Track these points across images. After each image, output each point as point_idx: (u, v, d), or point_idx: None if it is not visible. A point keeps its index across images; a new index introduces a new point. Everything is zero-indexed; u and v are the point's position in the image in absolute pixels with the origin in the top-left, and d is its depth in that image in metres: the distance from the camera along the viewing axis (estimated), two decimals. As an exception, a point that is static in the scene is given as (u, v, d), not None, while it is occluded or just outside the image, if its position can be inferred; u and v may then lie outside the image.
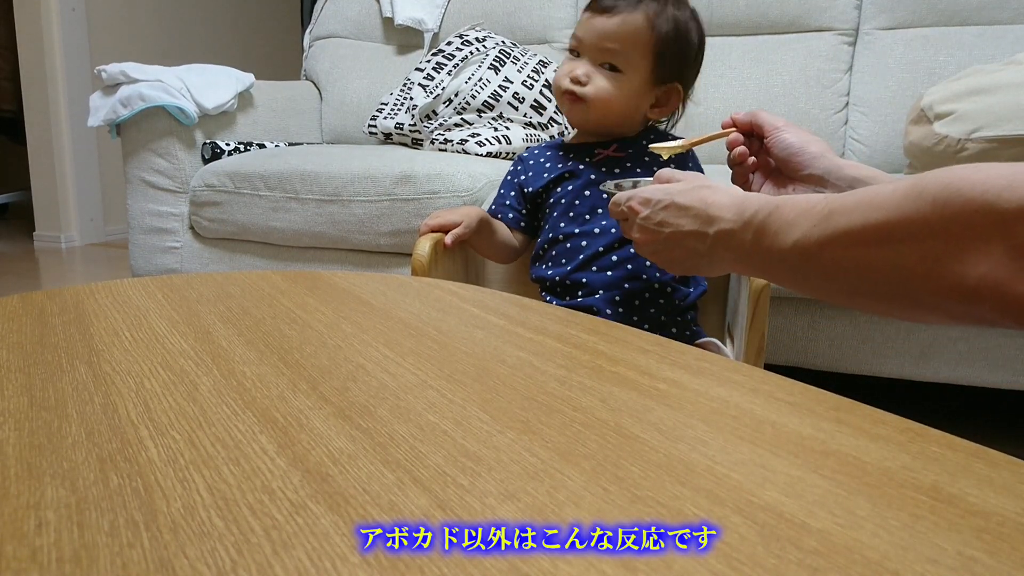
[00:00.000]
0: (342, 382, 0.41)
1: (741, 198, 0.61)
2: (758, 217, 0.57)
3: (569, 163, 0.95)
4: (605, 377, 0.42)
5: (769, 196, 0.59)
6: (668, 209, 0.66)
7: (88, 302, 0.57)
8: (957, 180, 0.43)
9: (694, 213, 0.64)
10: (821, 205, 0.52)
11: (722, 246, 0.61)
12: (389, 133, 2.09)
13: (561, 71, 0.92)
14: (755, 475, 0.31)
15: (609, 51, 0.89)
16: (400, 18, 2.27)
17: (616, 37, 0.89)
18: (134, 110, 1.85)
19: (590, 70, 0.90)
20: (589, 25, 0.89)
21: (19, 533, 0.27)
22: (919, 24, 1.83)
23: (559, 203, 0.94)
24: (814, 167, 0.73)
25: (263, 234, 1.81)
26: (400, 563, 0.25)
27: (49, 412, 0.37)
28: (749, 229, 0.58)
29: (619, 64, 0.89)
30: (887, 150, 1.77)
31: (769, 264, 0.57)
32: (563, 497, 0.29)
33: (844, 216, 0.50)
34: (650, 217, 0.67)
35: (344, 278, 0.66)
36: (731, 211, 0.61)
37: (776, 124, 0.78)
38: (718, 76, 1.94)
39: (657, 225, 0.67)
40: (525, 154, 1.02)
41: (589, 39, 0.90)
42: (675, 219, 0.65)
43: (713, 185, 0.66)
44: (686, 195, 0.65)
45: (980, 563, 0.25)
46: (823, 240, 0.51)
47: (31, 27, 3.06)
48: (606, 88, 0.90)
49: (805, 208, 0.54)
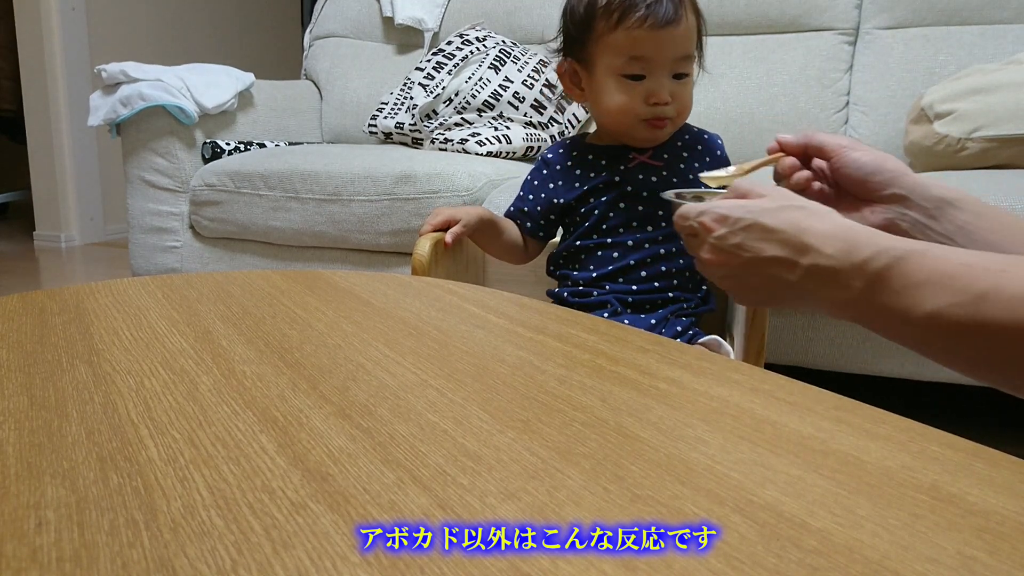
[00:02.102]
0: (342, 381, 0.41)
1: (845, 229, 0.53)
2: (873, 265, 0.50)
3: (603, 173, 0.90)
4: (605, 376, 0.42)
5: (880, 234, 0.52)
6: (750, 230, 0.57)
7: (88, 301, 0.57)
8: None
9: (783, 238, 0.55)
10: (964, 278, 0.45)
11: (818, 282, 0.54)
12: (389, 132, 2.09)
13: (632, 98, 0.84)
14: (755, 474, 0.31)
15: (683, 60, 0.84)
16: (400, 17, 2.27)
17: (688, 45, 0.84)
18: (134, 109, 1.85)
19: (670, 88, 0.84)
20: (657, 41, 0.81)
21: (19, 532, 0.27)
22: (919, 23, 1.83)
23: (592, 214, 0.90)
24: (898, 185, 0.65)
25: (263, 233, 1.81)
26: (400, 563, 0.25)
27: (49, 411, 0.37)
28: (860, 276, 0.51)
29: (689, 69, 0.85)
30: (887, 149, 1.76)
31: (886, 323, 0.50)
32: (563, 496, 0.29)
33: (1000, 308, 0.43)
34: (726, 237, 0.58)
35: (344, 277, 0.66)
36: (833, 244, 0.53)
37: (842, 143, 0.69)
38: (719, 75, 1.94)
39: (734, 248, 0.58)
40: (550, 156, 0.95)
41: (662, 57, 0.82)
42: (757, 243, 0.57)
43: (807, 205, 0.57)
44: (773, 216, 0.56)
45: (980, 562, 0.25)
46: (971, 326, 0.44)
47: (31, 27, 3.06)
48: (688, 100, 0.86)
49: (941, 272, 0.47)
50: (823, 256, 0.53)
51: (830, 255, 0.52)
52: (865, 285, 0.50)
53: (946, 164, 1.51)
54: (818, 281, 0.53)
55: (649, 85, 0.83)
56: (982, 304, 0.44)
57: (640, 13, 0.81)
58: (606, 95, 0.86)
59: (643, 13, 0.81)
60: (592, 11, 0.84)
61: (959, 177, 1.36)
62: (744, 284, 0.59)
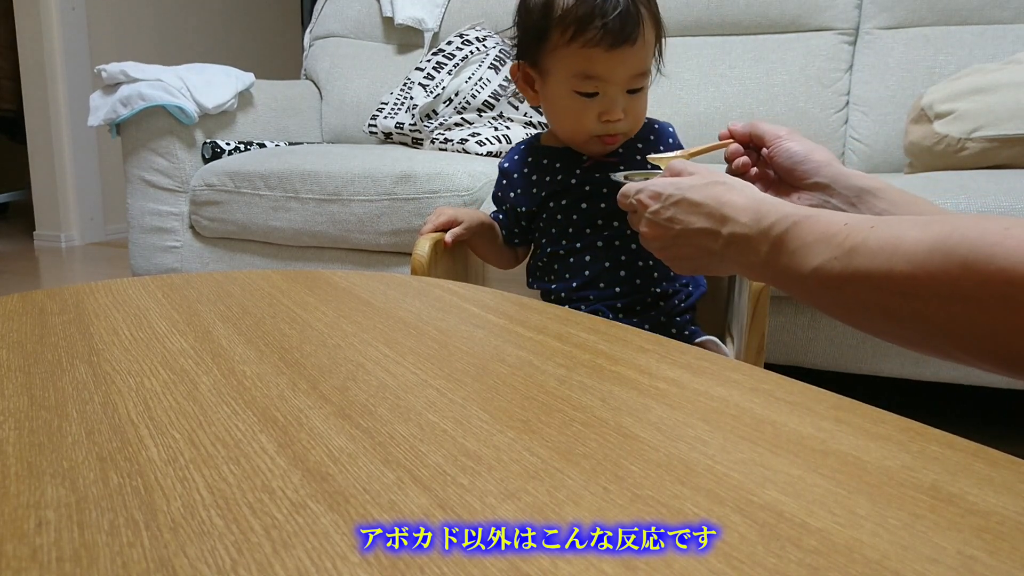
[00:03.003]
0: (342, 381, 0.41)
1: (757, 201, 0.59)
2: (775, 230, 0.56)
3: (559, 177, 0.89)
4: (605, 376, 0.42)
5: (785, 204, 0.58)
6: (679, 205, 0.64)
7: (88, 301, 0.57)
8: (989, 246, 0.41)
9: (707, 211, 0.62)
10: (842, 235, 0.50)
11: (735, 248, 0.60)
12: (389, 132, 2.09)
13: (584, 114, 0.82)
14: (755, 474, 0.31)
15: (639, 77, 0.81)
16: (400, 17, 2.27)
17: (644, 61, 0.81)
18: (134, 109, 1.85)
19: (624, 104, 0.81)
20: (611, 61, 0.78)
21: (19, 532, 0.27)
22: (919, 23, 1.83)
23: (555, 219, 0.89)
24: (820, 175, 0.71)
25: (263, 233, 1.81)
26: (400, 563, 0.25)
27: (49, 411, 0.37)
28: (765, 240, 0.56)
29: (644, 83, 0.82)
30: (887, 149, 1.77)
31: (785, 281, 0.55)
32: (563, 496, 0.29)
33: (866, 258, 0.48)
34: (660, 212, 0.65)
35: (344, 277, 0.66)
36: (747, 214, 0.59)
37: (778, 133, 0.75)
38: (719, 75, 1.94)
39: (667, 221, 0.65)
40: (506, 165, 0.94)
41: (616, 76, 0.80)
42: (686, 216, 0.63)
43: (728, 181, 0.64)
44: (699, 191, 0.63)
45: (980, 562, 0.25)
46: (844, 276, 0.49)
47: (31, 26, 3.06)
48: (642, 112, 0.84)
49: (825, 233, 0.52)
50: (739, 225, 0.59)
51: (744, 223, 0.58)
52: (770, 248, 0.56)
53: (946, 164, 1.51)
54: (736, 248, 0.59)
55: (602, 103, 0.81)
56: (854, 256, 0.48)
57: (595, 32, 0.77)
58: (559, 108, 0.84)
59: (598, 32, 0.77)
60: (547, 21, 0.80)
61: (959, 177, 1.36)
62: (677, 254, 0.65)
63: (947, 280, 0.43)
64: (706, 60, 1.96)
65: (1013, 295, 0.40)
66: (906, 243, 0.46)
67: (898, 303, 0.46)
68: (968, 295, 0.42)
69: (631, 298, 0.86)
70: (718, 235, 0.60)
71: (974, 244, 0.42)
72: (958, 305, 0.43)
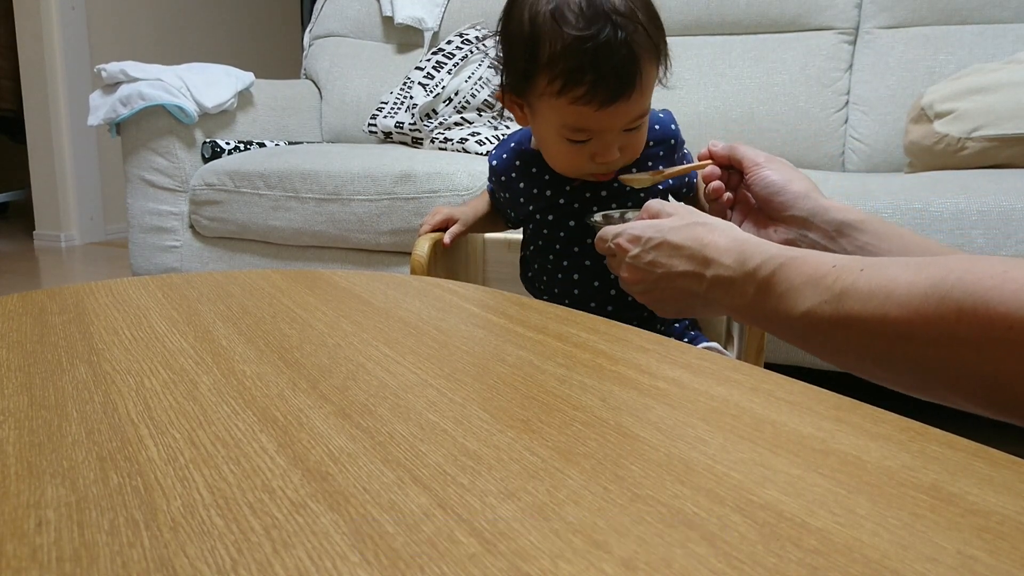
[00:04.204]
0: (342, 381, 0.41)
1: (740, 242, 0.58)
2: (761, 272, 0.54)
3: (547, 192, 0.83)
4: (605, 376, 0.42)
5: (770, 245, 0.56)
6: (660, 248, 0.62)
7: (88, 301, 0.57)
8: (986, 290, 0.40)
9: (688, 253, 0.60)
10: (831, 278, 0.49)
11: (720, 291, 0.58)
12: (389, 132, 2.09)
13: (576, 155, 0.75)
14: (755, 474, 0.31)
15: (637, 119, 0.74)
16: (400, 17, 2.27)
17: (641, 106, 0.73)
18: (134, 109, 1.85)
19: (620, 143, 0.75)
20: (603, 117, 0.71)
21: (19, 532, 0.27)
22: (919, 23, 1.83)
23: (541, 232, 0.85)
24: (797, 208, 0.69)
25: (263, 233, 1.81)
26: (400, 562, 0.25)
27: (49, 411, 0.37)
28: (751, 282, 0.55)
29: (643, 121, 0.75)
30: (887, 149, 1.77)
31: (774, 324, 0.55)
32: (563, 496, 0.29)
33: (858, 302, 0.47)
34: (640, 256, 0.63)
35: (344, 277, 0.66)
36: (730, 256, 0.57)
37: (756, 160, 0.72)
38: (718, 75, 1.94)
39: (648, 265, 0.63)
40: (495, 163, 0.88)
41: (610, 127, 0.73)
42: (667, 259, 0.62)
43: (708, 221, 0.62)
44: (679, 233, 0.61)
45: (980, 562, 0.25)
46: (835, 320, 0.48)
47: (31, 26, 3.06)
48: (641, 142, 0.77)
49: (813, 275, 0.51)
50: (723, 267, 0.58)
51: (728, 265, 0.57)
52: (756, 291, 0.55)
53: (946, 163, 1.51)
54: (721, 290, 0.58)
55: (595, 146, 0.74)
56: (844, 300, 0.48)
57: (584, 91, 0.69)
58: (549, 147, 0.78)
59: (587, 91, 0.69)
60: (533, 64, 0.71)
61: (959, 177, 1.36)
62: (660, 297, 0.64)
63: (943, 325, 0.42)
64: (706, 60, 1.96)
65: (1013, 339, 0.39)
66: (899, 287, 0.45)
67: (892, 348, 0.45)
68: (965, 340, 0.41)
69: (624, 315, 0.83)
70: (702, 277, 0.59)
71: (970, 288, 0.41)
72: (955, 350, 0.42)
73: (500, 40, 0.77)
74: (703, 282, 0.59)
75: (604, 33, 0.68)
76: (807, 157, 1.83)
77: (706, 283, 0.59)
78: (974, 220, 1.21)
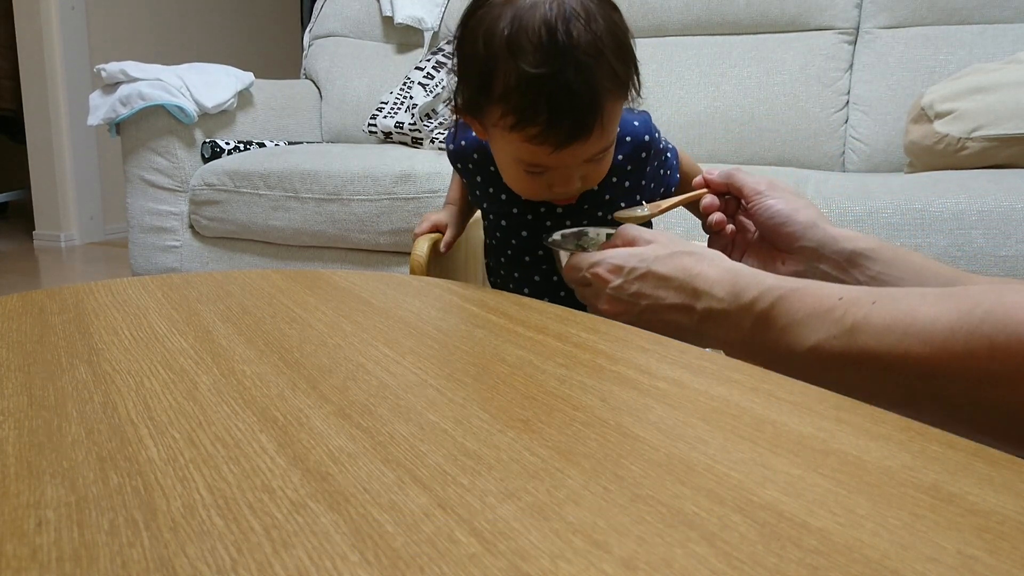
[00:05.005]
0: (342, 381, 0.41)
1: (733, 272, 0.55)
2: (759, 305, 0.51)
3: (502, 196, 0.78)
4: (605, 376, 0.42)
5: (765, 275, 0.53)
6: (645, 279, 0.58)
7: (88, 301, 0.57)
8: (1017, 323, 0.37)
9: (676, 284, 0.57)
10: (839, 311, 0.46)
11: (712, 324, 0.55)
12: (389, 132, 2.09)
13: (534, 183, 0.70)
14: (755, 474, 0.31)
15: (600, 153, 0.69)
16: (400, 17, 2.27)
17: (601, 143, 0.67)
18: (134, 109, 1.85)
19: (581, 173, 0.69)
20: (559, 157, 0.66)
21: (19, 532, 0.26)
22: (919, 23, 1.83)
23: (494, 234, 0.81)
24: (806, 238, 0.64)
25: (263, 233, 1.81)
26: (400, 562, 0.25)
27: (49, 411, 0.37)
28: (747, 316, 0.52)
29: (606, 154, 0.70)
30: (887, 149, 1.77)
31: (774, 359, 0.50)
32: (563, 496, 0.29)
33: (872, 337, 0.44)
34: (623, 287, 0.59)
35: (344, 277, 0.66)
36: (722, 287, 0.54)
37: (758, 188, 0.67)
38: (719, 75, 1.94)
39: (632, 296, 0.59)
40: (452, 148, 0.81)
41: (567, 164, 0.67)
42: (653, 290, 0.58)
43: (695, 250, 0.58)
44: (665, 263, 0.58)
45: (980, 562, 0.25)
46: (848, 356, 0.45)
47: (31, 26, 3.06)
48: (605, 167, 0.71)
49: (817, 308, 0.47)
50: (714, 299, 0.54)
51: (721, 297, 0.54)
52: (753, 324, 0.52)
53: (946, 163, 1.51)
54: (712, 323, 0.55)
55: (554, 177, 0.69)
56: (856, 335, 0.45)
57: (537, 131, 0.63)
58: (506, 172, 0.72)
59: (540, 132, 0.63)
60: (485, 95, 0.65)
61: (959, 176, 1.36)
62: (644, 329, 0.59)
63: (973, 362, 0.39)
64: (706, 60, 1.96)
65: None
66: (919, 321, 0.42)
67: (912, 385, 0.42)
68: (999, 376, 0.38)
69: None
70: (691, 310, 0.56)
71: (1002, 321, 0.38)
72: (986, 387, 0.39)
73: (456, 53, 0.70)
74: (693, 315, 0.56)
75: (563, 74, 0.61)
76: (807, 157, 1.83)
77: (697, 316, 0.56)
78: (974, 220, 1.21)
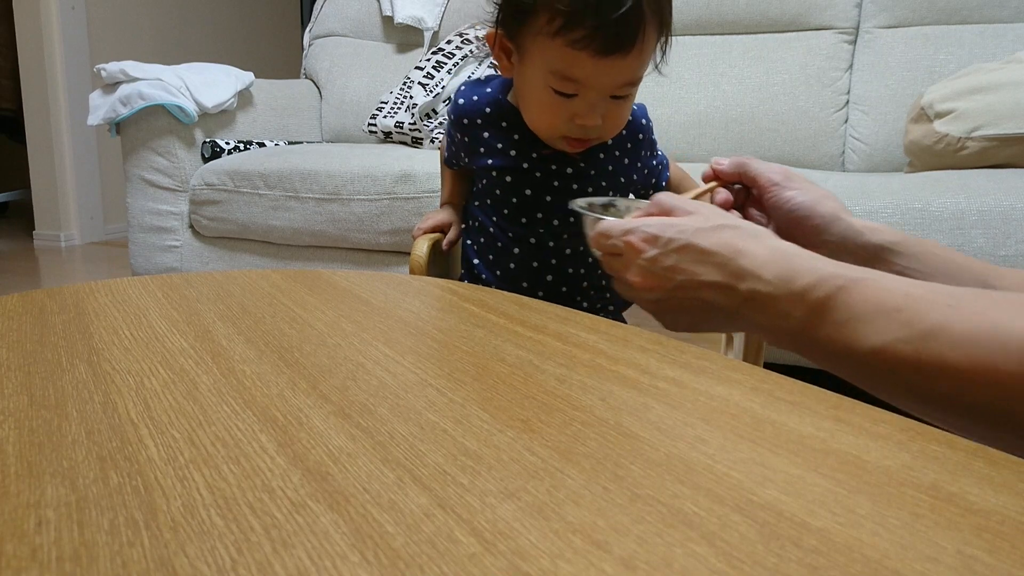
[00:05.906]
0: (342, 381, 0.41)
1: (783, 254, 0.49)
2: (814, 294, 0.46)
3: (512, 151, 0.78)
4: (605, 376, 0.42)
5: (822, 260, 0.48)
6: (684, 252, 0.53)
7: (88, 301, 0.57)
8: None
9: (719, 261, 0.51)
10: (909, 311, 0.42)
11: (754, 309, 0.50)
12: (389, 132, 2.09)
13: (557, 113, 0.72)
14: (755, 474, 0.31)
15: (626, 86, 0.71)
16: (400, 16, 2.27)
17: (635, 72, 0.70)
18: (134, 109, 1.85)
19: (604, 110, 0.71)
20: (596, 68, 0.67)
21: (19, 531, 0.27)
22: (919, 22, 1.83)
23: (492, 192, 0.80)
24: (829, 233, 0.60)
25: (263, 233, 1.81)
26: (400, 562, 0.25)
27: (49, 411, 0.37)
28: (799, 305, 0.47)
29: (631, 91, 0.72)
30: (887, 148, 1.77)
31: (827, 355, 0.47)
32: (563, 496, 0.29)
33: (952, 348, 0.39)
34: (657, 259, 0.54)
35: (344, 277, 0.66)
36: (770, 269, 0.49)
37: (774, 179, 0.63)
38: (719, 74, 1.94)
39: (666, 270, 0.53)
40: (463, 102, 0.82)
41: (600, 84, 0.69)
42: (692, 265, 0.52)
43: (740, 224, 0.53)
44: (707, 236, 0.52)
45: (980, 561, 0.25)
46: (919, 363, 0.41)
47: (31, 26, 3.06)
48: (623, 118, 0.74)
49: (882, 305, 0.43)
50: (761, 281, 0.49)
51: (768, 280, 0.49)
52: (805, 315, 0.47)
53: (946, 163, 1.51)
54: (756, 308, 0.50)
55: (579, 105, 0.71)
56: (930, 341, 0.41)
57: (584, 33, 0.65)
58: (530, 96, 0.74)
59: (587, 34, 0.65)
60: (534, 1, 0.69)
61: (959, 176, 1.36)
62: (675, 307, 0.55)
63: None
64: (706, 59, 1.96)
65: None
66: (1011, 334, 0.38)
67: (994, 404, 0.38)
68: None
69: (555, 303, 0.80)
70: (734, 291, 0.51)
71: None
72: None
73: None
74: (735, 296, 0.51)
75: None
76: (807, 157, 1.83)
77: (739, 297, 0.51)
78: (974, 220, 1.21)
